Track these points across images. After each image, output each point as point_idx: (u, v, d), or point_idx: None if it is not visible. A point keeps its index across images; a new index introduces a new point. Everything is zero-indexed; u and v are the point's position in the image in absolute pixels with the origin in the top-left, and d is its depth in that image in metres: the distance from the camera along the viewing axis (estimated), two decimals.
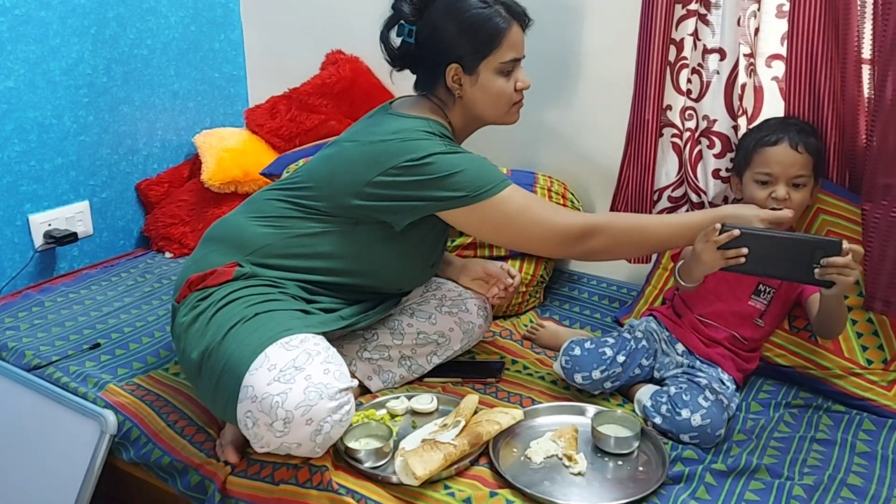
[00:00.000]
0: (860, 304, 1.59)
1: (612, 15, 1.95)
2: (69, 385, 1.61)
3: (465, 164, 1.44)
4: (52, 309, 1.92)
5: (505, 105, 1.55)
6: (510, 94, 1.53)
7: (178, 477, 1.44)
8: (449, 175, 1.43)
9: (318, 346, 1.34)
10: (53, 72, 2.07)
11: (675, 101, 1.81)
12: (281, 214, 1.52)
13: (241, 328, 1.36)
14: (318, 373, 1.28)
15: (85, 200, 2.22)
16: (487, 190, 1.44)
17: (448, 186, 1.44)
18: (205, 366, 1.37)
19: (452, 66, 1.50)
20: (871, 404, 1.53)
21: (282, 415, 1.24)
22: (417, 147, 1.44)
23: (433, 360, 1.66)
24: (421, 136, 1.46)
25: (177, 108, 2.42)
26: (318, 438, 1.27)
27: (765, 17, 1.66)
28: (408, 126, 1.48)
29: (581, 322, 1.93)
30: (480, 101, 1.53)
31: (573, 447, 1.39)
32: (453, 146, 1.50)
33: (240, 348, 1.33)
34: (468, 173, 1.44)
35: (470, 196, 1.44)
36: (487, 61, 1.49)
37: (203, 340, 1.38)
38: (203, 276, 1.47)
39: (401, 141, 1.45)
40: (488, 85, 1.51)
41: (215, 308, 1.41)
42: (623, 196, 1.93)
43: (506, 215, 1.46)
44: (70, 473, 1.49)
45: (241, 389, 1.28)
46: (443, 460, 1.30)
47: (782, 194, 1.53)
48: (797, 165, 1.53)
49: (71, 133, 2.15)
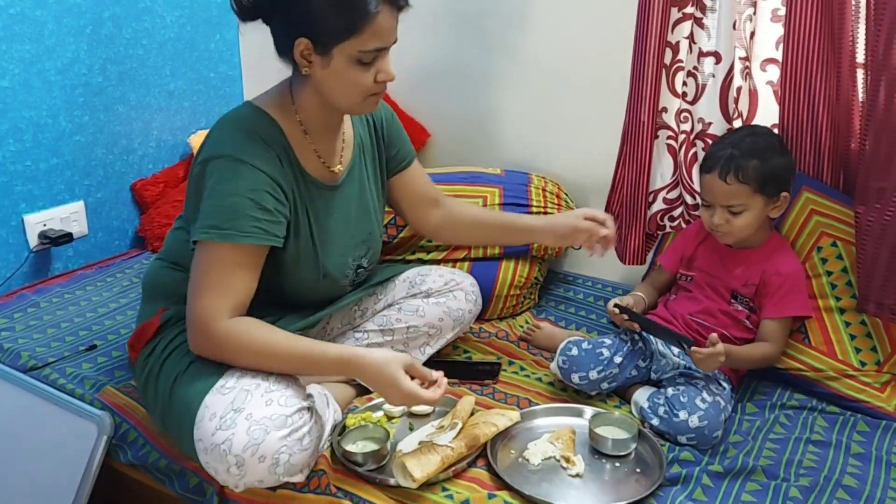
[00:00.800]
0: (854, 306, 1.60)
1: (607, 17, 1.96)
2: (66, 387, 1.60)
3: (222, 188, 1.31)
4: (48, 310, 1.91)
5: (358, 96, 1.36)
6: (367, 85, 1.34)
7: (176, 479, 1.44)
8: (210, 188, 1.32)
9: (256, 379, 1.30)
10: (48, 71, 2.06)
11: (671, 104, 1.81)
12: (181, 249, 1.47)
13: (180, 383, 1.35)
14: (259, 408, 1.25)
15: (80, 200, 2.21)
16: (211, 229, 1.30)
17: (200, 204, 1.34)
18: (168, 425, 1.39)
19: (302, 40, 1.31)
20: (865, 406, 1.54)
21: (232, 460, 1.22)
22: (211, 146, 1.36)
23: (426, 351, 1.66)
24: (224, 132, 1.37)
25: (172, 108, 2.41)
26: (279, 469, 1.24)
27: (760, 21, 1.67)
28: (226, 118, 1.40)
29: (577, 323, 1.94)
30: (329, 87, 1.36)
31: (571, 449, 1.40)
32: (247, 154, 1.33)
33: (184, 404, 1.31)
34: (215, 200, 1.31)
35: (201, 228, 1.31)
36: (344, 46, 1.30)
37: (157, 402, 1.40)
38: (138, 335, 1.47)
39: (209, 139, 1.38)
40: (341, 72, 1.32)
41: (158, 365, 1.40)
42: (617, 197, 1.94)
43: (196, 264, 1.33)
44: (67, 475, 1.49)
45: (195, 444, 1.27)
46: (440, 462, 1.31)
47: (716, 221, 1.55)
48: (726, 195, 1.52)
49: (66, 133, 2.14)
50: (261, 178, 1.33)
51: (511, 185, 2.02)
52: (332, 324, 1.68)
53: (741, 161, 1.50)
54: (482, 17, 2.16)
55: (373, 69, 1.34)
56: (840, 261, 1.63)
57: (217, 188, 1.32)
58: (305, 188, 1.44)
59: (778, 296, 1.56)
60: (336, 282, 1.53)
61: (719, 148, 1.55)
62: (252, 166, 1.33)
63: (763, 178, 1.51)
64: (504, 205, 1.97)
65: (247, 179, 1.32)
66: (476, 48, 2.19)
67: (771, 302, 1.57)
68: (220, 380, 1.31)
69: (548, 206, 2.00)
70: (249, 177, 1.32)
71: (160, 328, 1.45)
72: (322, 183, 1.47)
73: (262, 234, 1.33)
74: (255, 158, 1.34)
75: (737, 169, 1.50)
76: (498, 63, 2.17)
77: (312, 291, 1.50)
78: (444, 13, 2.20)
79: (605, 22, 1.97)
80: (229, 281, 1.32)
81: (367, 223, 1.57)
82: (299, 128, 1.43)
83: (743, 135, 1.56)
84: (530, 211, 1.98)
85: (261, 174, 1.33)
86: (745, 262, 1.60)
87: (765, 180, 1.51)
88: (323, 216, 1.47)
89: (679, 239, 1.76)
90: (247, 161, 1.33)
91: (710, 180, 1.54)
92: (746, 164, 1.50)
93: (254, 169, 1.33)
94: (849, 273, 1.62)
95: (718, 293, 1.62)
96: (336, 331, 1.68)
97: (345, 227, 1.51)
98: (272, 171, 1.35)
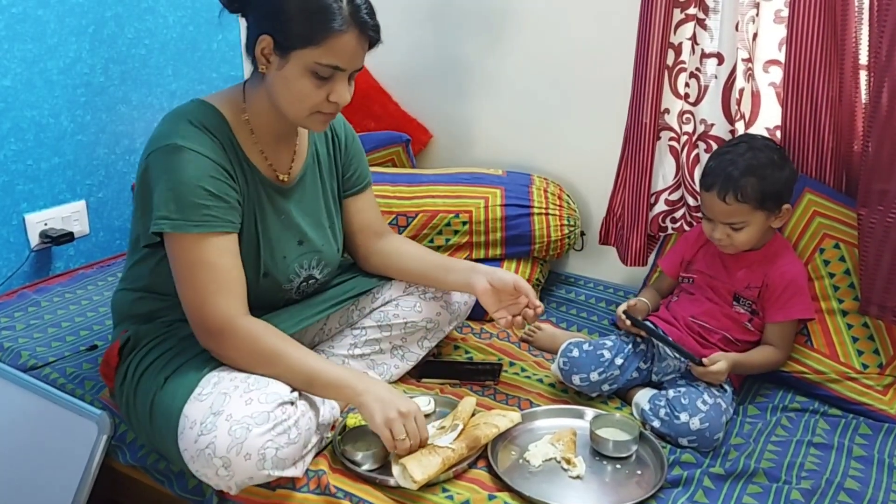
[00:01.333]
0: (856, 308, 1.60)
1: (610, 17, 1.96)
2: (66, 386, 1.60)
3: (168, 178, 1.30)
4: (49, 309, 1.91)
5: (304, 108, 1.35)
6: (315, 101, 1.33)
7: (175, 480, 1.44)
8: (159, 178, 1.30)
9: (234, 381, 1.30)
10: (51, 71, 2.06)
11: (673, 105, 1.81)
12: (131, 270, 1.50)
13: (158, 401, 1.34)
14: (238, 408, 1.25)
15: (81, 200, 2.21)
16: (170, 220, 1.29)
17: (151, 197, 1.32)
18: (155, 444, 1.40)
19: (265, 37, 1.30)
20: (867, 408, 1.54)
21: (218, 463, 1.22)
22: (154, 140, 1.34)
23: (425, 345, 1.66)
24: (167, 124, 1.35)
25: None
26: (267, 465, 1.23)
27: (763, 22, 1.67)
28: (170, 112, 1.38)
29: (578, 324, 1.94)
30: (278, 91, 1.35)
31: (572, 450, 1.40)
32: (189, 141, 1.31)
33: (164, 420, 1.31)
34: (162, 190, 1.30)
35: (155, 219, 1.31)
36: (301, 53, 1.29)
37: (140, 425, 1.40)
38: (105, 364, 1.47)
39: (153, 134, 1.36)
40: (292, 79, 1.31)
41: (133, 389, 1.40)
42: (619, 199, 1.94)
43: (174, 261, 1.33)
44: (67, 474, 1.49)
45: (182, 454, 1.27)
46: (441, 464, 1.30)
47: (717, 236, 1.55)
48: (726, 214, 1.52)
49: (68, 132, 2.14)
50: (206, 164, 1.32)
51: (513, 185, 2.01)
52: (329, 323, 1.68)
53: (739, 181, 1.49)
54: (483, 16, 2.15)
55: (326, 87, 1.33)
56: (842, 263, 1.62)
57: (162, 178, 1.30)
58: (252, 181, 1.43)
59: (783, 299, 1.56)
60: (278, 285, 1.50)
61: (718, 164, 1.53)
62: (196, 152, 1.31)
63: (762, 196, 1.50)
64: (506, 205, 1.97)
65: (192, 167, 1.30)
66: (478, 48, 2.19)
67: (776, 306, 1.56)
68: (196, 388, 1.31)
69: (549, 207, 2.00)
70: (194, 163, 1.31)
71: (125, 351, 1.45)
72: (269, 181, 1.46)
73: (214, 221, 1.31)
74: (198, 145, 1.32)
75: (735, 189, 1.49)
76: (500, 63, 2.17)
77: (252, 293, 1.42)
78: (445, 12, 2.19)
79: (607, 22, 1.97)
80: (218, 275, 1.32)
81: (319, 235, 1.55)
82: (246, 126, 1.42)
83: (742, 150, 1.53)
84: (532, 212, 1.98)
85: (205, 159, 1.32)
86: (747, 265, 1.59)
87: (765, 197, 1.50)
88: (269, 214, 1.46)
89: (680, 243, 1.76)
90: (189, 147, 1.31)
91: (709, 199, 1.54)
92: (745, 184, 1.49)
93: (198, 155, 1.31)
94: (851, 275, 1.61)
95: (720, 295, 1.62)
96: (334, 330, 1.68)
97: (291, 232, 1.50)
98: (217, 157, 1.34)
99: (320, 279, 1.58)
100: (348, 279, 1.66)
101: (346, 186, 1.64)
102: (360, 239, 1.67)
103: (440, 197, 1.99)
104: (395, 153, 2.20)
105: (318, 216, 1.56)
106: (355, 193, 1.65)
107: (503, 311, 1.56)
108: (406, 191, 2.00)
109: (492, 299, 1.56)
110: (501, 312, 1.56)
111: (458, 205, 1.97)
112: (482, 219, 1.96)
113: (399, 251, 1.66)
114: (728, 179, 1.50)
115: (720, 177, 1.51)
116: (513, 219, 1.97)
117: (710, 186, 1.53)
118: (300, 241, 1.51)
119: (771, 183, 1.51)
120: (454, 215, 1.96)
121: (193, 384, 1.32)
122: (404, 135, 2.21)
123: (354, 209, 1.65)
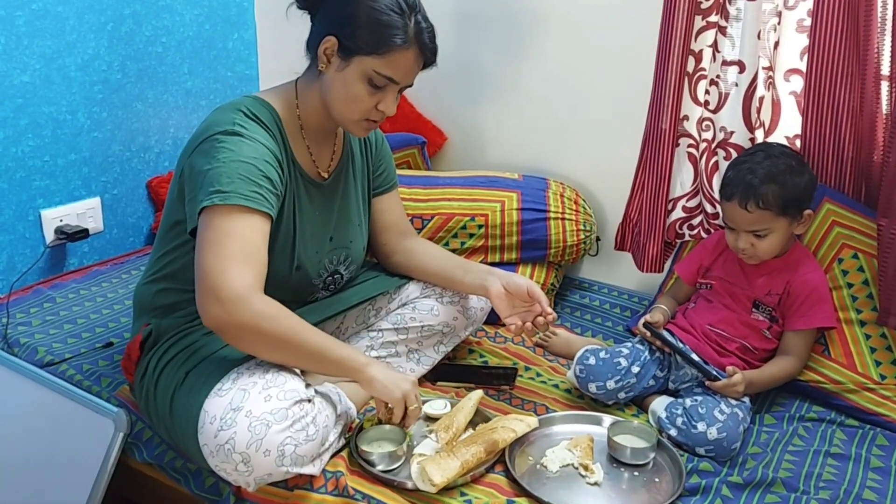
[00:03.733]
0: (874, 318, 1.59)
1: (628, 21, 1.96)
2: (83, 383, 1.60)
3: (223, 156, 1.30)
4: (64, 305, 1.91)
5: (355, 113, 1.40)
6: (366, 107, 1.39)
7: (192, 478, 1.44)
8: (211, 159, 1.30)
9: (252, 377, 1.30)
10: (69, 67, 2.06)
11: (693, 112, 1.81)
12: (155, 262, 1.50)
13: (178, 396, 1.35)
14: (258, 404, 1.25)
15: (96, 197, 2.21)
16: (213, 194, 1.27)
17: (200, 181, 1.30)
18: (174, 439, 1.40)
19: (331, 38, 1.37)
20: (885, 419, 1.53)
21: (238, 458, 1.23)
22: (207, 127, 1.35)
23: (441, 350, 1.66)
24: (221, 113, 1.37)
25: (189, 107, 2.41)
26: (286, 461, 1.25)
27: (785, 31, 1.67)
28: (222, 105, 1.41)
29: (593, 330, 1.94)
30: (335, 92, 1.40)
31: (589, 457, 1.39)
32: (245, 129, 1.34)
33: (185, 415, 1.32)
34: (216, 166, 1.29)
35: (203, 198, 1.29)
36: (362, 59, 1.36)
37: (160, 420, 1.41)
38: (126, 357, 1.47)
39: (204, 124, 1.37)
40: (349, 81, 1.38)
41: (153, 384, 1.41)
42: (636, 204, 1.93)
43: (207, 230, 1.28)
44: (83, 471, 1.49)
45: (202, 449, 1.28)
46: (460, 468, 1.30)
47: (741, 245, 1.55)
48: (749, 222, 1.52)
49: (84, 129, 2.14)
50: (261, 149, 1.35)
51: (529, 189, 2.01)
52: (346, 323, 1.68)
53: (760, 188, 1.49)
54: (500, 19, 2.15)
55: (377, 96, 1.39)
56: (861, 273, 1.62)
57: (217, 157, 1.30)
58: (295, 176, 1.46)
59: (805, 306, 1.55)
60: (308, 279, 1.52)
61: (736, 174, 1.54)
62: (252, 138, 1.34)
63: (784, 202, 1.50)
64: (522, 209, 1.97)
65: (249, 148, 1.32)
66: (494, 51, 2.19)
67: (798, 313, 1.56)
68: (216, 384, 1.31)
69: (566, 212, 1.99)
70: (251, 145, 1.33)
71: (146, 345, 1.46)
72: (310, 177, 1.50)
73: (262, 200, 1.30)
74: (254, 132, 1.36)
75: (756, 197, 1.49)
76: (516, 66, 2.17)
77: (283, 286, 1.44)
78: (462, 15, 2.19)
79: (626, 28, 1.97)
80: (246, 247, 1.27)
81: (348, 231, 1.58)
82: (297, 122, 1.47)
83: (759, 158, 1.53)
84: (548, 216, 1.97)
85: (261, 146, 1.35)
86: (768, 272, 1.59)
87: (786, 203, 1.50)
88: (307, 208, 1.49)
89: (698, 249, 1.76)
90: (246, 134, 1.34)
91: (731, 208, 1.54)
92: (766, 191, 1.49)
93: (255, 140, 1.34)
94: (870, 285, 1.61)
95: (739, 302, 1.61)
96: (350, 330, 1.68)
97: (324, 226, 1.53)
98: (270, 145, 1.37)
99: (345, 275, 1.61)
100: (369, 279, 1.68)
101: (374, 186, 1.68)
102: (384, 237, 1.70)
103: (456, 200, 1.99)
104: (411, 155, 2.20)
105: (350, 213, 1.60)
106: (383, 193, 1.69)
107: (515, 317, 1.56)
108: (422, 193, 2.00)
109: (505, 303, 1.56)
110: (513, 318, 1.56)
111: (474, 208, 1.97)
112: (498, 222, 1.96)
113: (421, 250, 1.69)
114: (748, 188, 1.50)
115: (740, 186, 1.51)
116: (529, 223, 1.97)
117: (731, 196, 1.53)
118: (331, 236, 1.55)
119: (791, 188, 1.51)
120: (470, 218, 1.96)
121: (214, 379, 1.33)
122: (420, 137, 2.21)
123: (381, 208, 1.69)
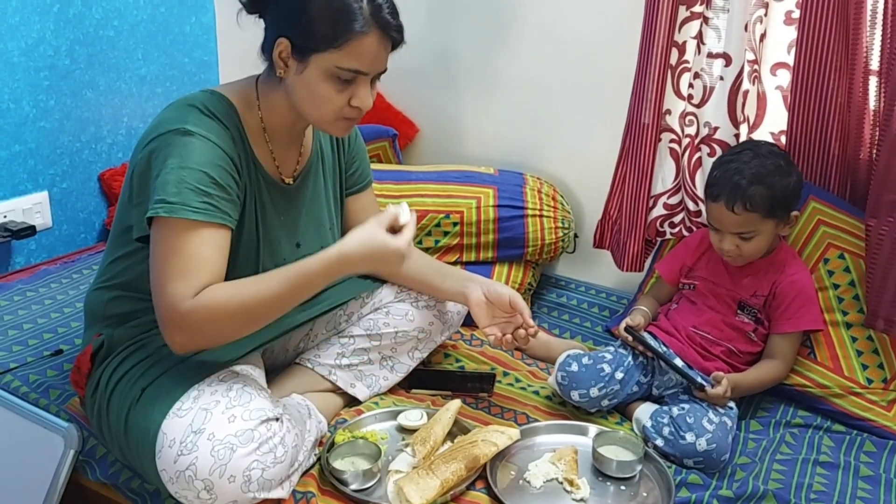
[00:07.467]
0: (861, 320, 1.56)
1: (609, 10, 1.90)
2: (29, 395, 1.50)
3: (171, 162, 1.21)
4: (9, 309, 1.79)
5: (327, 114, 1.30)
6: (337, 106, 1.28)
7: (150, 499, 1.35)
8: (163, 162, 1.21)
9: (215, 396, 1.23)
10: (11, 52, 1.95)
11: (675, 106, 1.75)
12: (108, 267, 1.41)
13: (134, 415, 1.26)
14: (221, 426, 1.18)
15: (44, 191, 2.11)
16: (158, 203, 1.19)
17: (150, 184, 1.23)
18: (130, 461, 1.31)
19: (283, 40, 1.26)
20: (871, 424, 1.50)
21: (200, 485, 1.15)
22: (158, 125, 1.26)
23: (416, 356, 1.59)
24: (174, 110, 1.28)
25: (144, 94, 2.30)
26: (253, 487, 1.17)
27: (772, 23, 1.62)
28: (178, 99, 1.30)
29: (571, 331, 1.88)
30: (300, 97, 1.30)
31: (574, 470, 1.34)
32: (199, 127, 1.24)
33: (140, 435, 1.24)
34: (164, 174, 1.20)
35: (151, 206, 1.20)
36: (320, 57, 1.24)
37: (113, 439, 1.31)
38: (76, 370, 1.38)
39: (155, 121, 1.29)
40: (313, 83, 1.27)
41: (106, 399, 1.32)
42: (616, 201, 1.88)
43: (155, 245, 1.21)
44: (31, 492, 1.40)
45: (160, 475, 1.20)
46: (440, 487, 1.24)
47: (727, 247, 1.51)
48: (735, 224, 1.48)
49: (30, 119, 2.03)
50: (214, 151, 1.24)
51: (505, 185, 1.95)
52: (315, 329, 1.60)
53: (748, 190, 1.45)
54: (476, 6, 2.07)
55: (348, 91, 1.28)
56: (847, 273, 1.58)
57: (166, 163, 1.21)
58: (256, 179, 1.36)
59: (792, 308, 1.52)
60: None
61: (723, 174, 1.49)
62: (205, 139, 1.24)
63: (772, 204, 1.47)
64: (499, 206, 1.90)
65: (198, 152, 1.22)
66: (469, 37, 2.11)
67: (784, 315, 1.52)
68: (175, 403, 1.23)
69: (543, 208, 1.93)
70: (201, 149, 1.23)
71: (98, 356, 1.36)
72: (273, 180, 1.39)
73: (214, 211, 1.22)
74: (208, 132, 1.25)
75: (744, 198, 1.45)
76: (493, 54, 2.09)
77: None
78: (436, 2, 2.11)
79: (606, 16, 1.90)
80: (190, 262, 1.19)
81: (318, 236, 1.48)
82: (259, 124, 1.36)
83: (747, 158, 1.49)
84: (525, 213, 1.91)
85: (214, 147, 1.25)
86: (753, 272, 1.55)
87: (774, 206, 1.47)
88: (271, 213, 1.39)
89: (680, 248, 1.71)
90: (198, 133, 1.24)
91: (717, 209, 1.49)
92: (754, 193, 1.45)
93: (206, 141, 1.24)
94: (856, 286, 1.57)
95: (724, 303, 1.57)
96: (321, 336, 1.60)
97: (291, 232, 1.44)
98: (226, 147, 1.27)
99: None
100: (340, 282, 1.57)
101: (347, 185, 1.58)
102: None
103: (430, 196, 1.91)
104: (382, 148, 2.11)
105: (320, 217, 1.50)
106: (356, 192, 1.59)
107: (495, 328, 1.50)
108: (393, 189, 1.92)
109: (484, 312, 1.50)
110: (493, 329, 1.50)
111: (449, 205, 1.90)
112: (474, 220, 1.89)
113: None
114: (735, 189, 1.46)
115: (727, 187, 1.47)
116: (506, 220, 1.90)
117: (717, 197, 1.48)
118: (298, 243, 1.45)
119: (779, 190, 1.47)
120: (444, 216, 1.89)
121: (173, 398, 1.24)
122: (391, 129, 2.13)
123: (355, 208, 1.59)
